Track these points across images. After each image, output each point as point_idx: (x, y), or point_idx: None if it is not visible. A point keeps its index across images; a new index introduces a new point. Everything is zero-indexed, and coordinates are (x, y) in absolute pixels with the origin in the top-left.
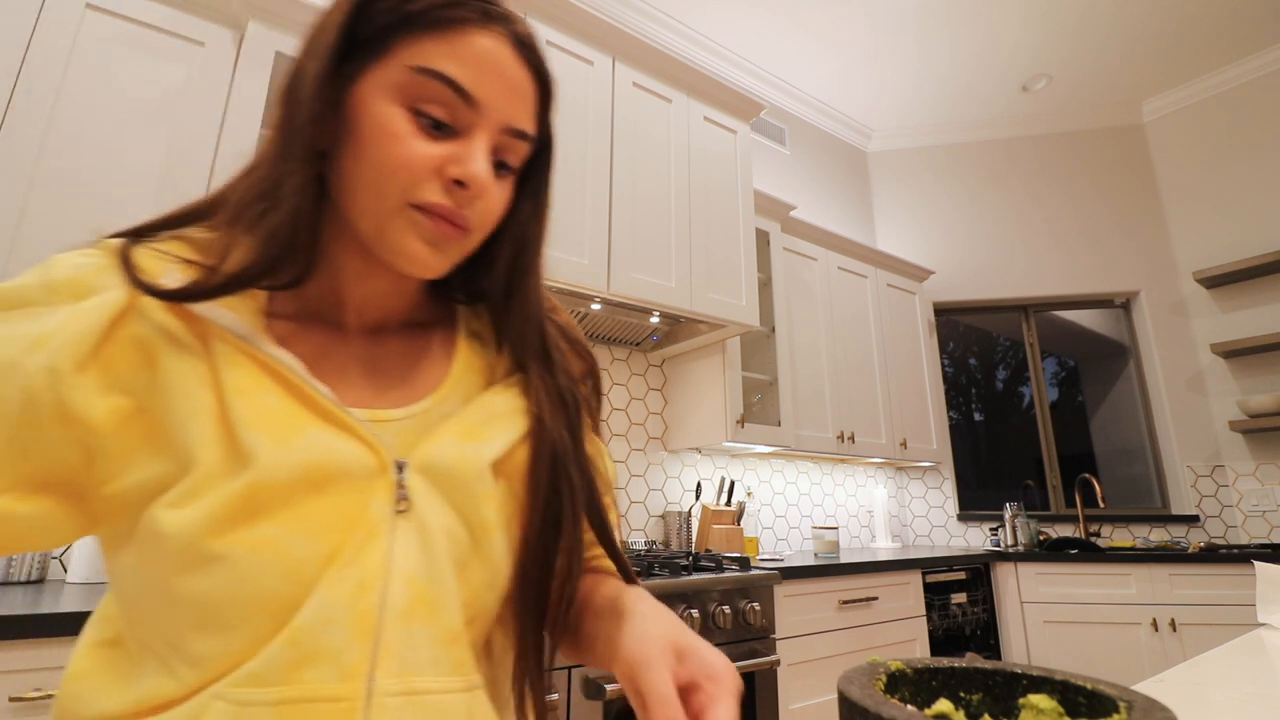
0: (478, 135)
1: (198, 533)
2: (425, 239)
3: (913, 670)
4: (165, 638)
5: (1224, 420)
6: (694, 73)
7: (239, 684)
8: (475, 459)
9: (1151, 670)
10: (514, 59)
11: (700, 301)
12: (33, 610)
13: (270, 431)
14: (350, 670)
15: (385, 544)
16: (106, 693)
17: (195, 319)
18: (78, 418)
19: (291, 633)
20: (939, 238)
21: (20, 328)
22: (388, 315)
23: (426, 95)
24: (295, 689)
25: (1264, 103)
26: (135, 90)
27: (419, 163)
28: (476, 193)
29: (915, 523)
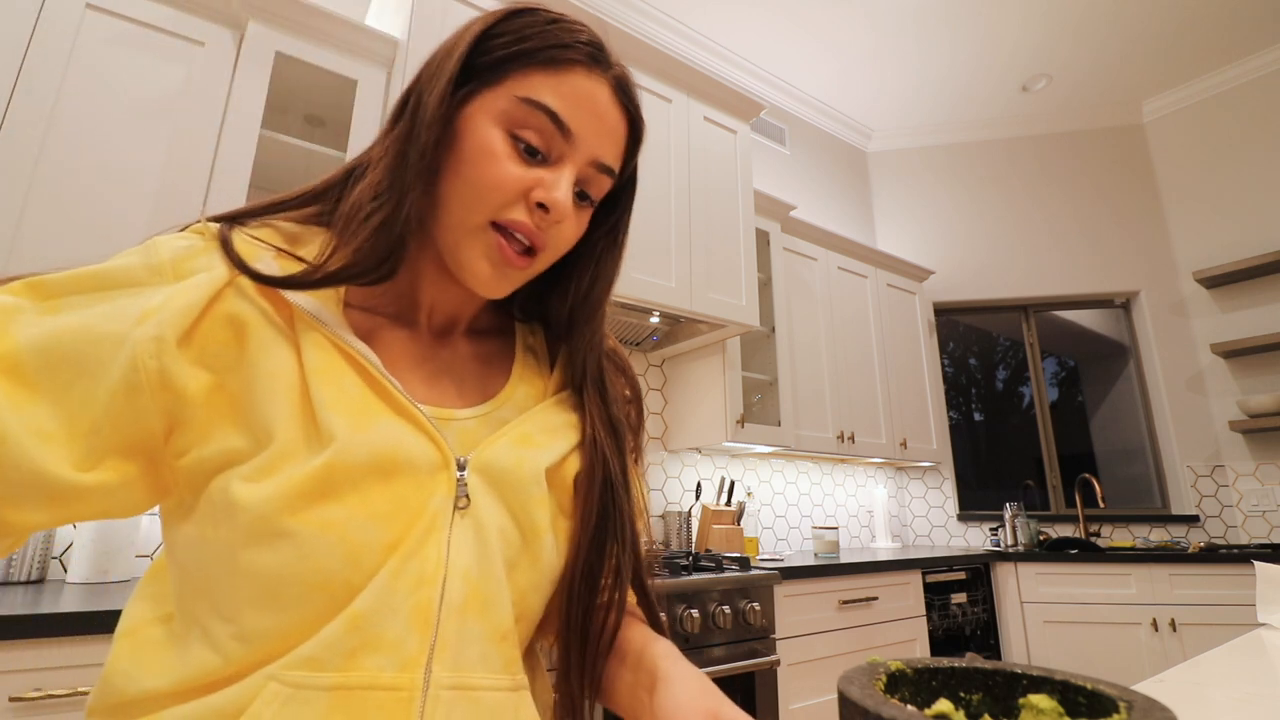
0: (567, 165)
1: (272, 508)
2: (491, 261)
3: (913, 670)
4: (220, 611)
5: (1224, 420)
6: (694, 73)
7: (294, 666)
8: (531, 464)
9: (1151, 670)
10: (611, 101)
11: (700, 301)
12: (33, 610)
13: (348, 415)
14: (409, 661)
15: (444, 538)
16: (152, 670)
17: (284, 303)
18: (175, 387)
19: (352, 618)
20: (939, 238)
21: (127, 304)
22: (455, 321)
23: (526, 123)
24: (353, 675)
25: (1264, 103)
26: (135, 90)
27: (510, 183)
28: (556, 219)
29: (915, 523)
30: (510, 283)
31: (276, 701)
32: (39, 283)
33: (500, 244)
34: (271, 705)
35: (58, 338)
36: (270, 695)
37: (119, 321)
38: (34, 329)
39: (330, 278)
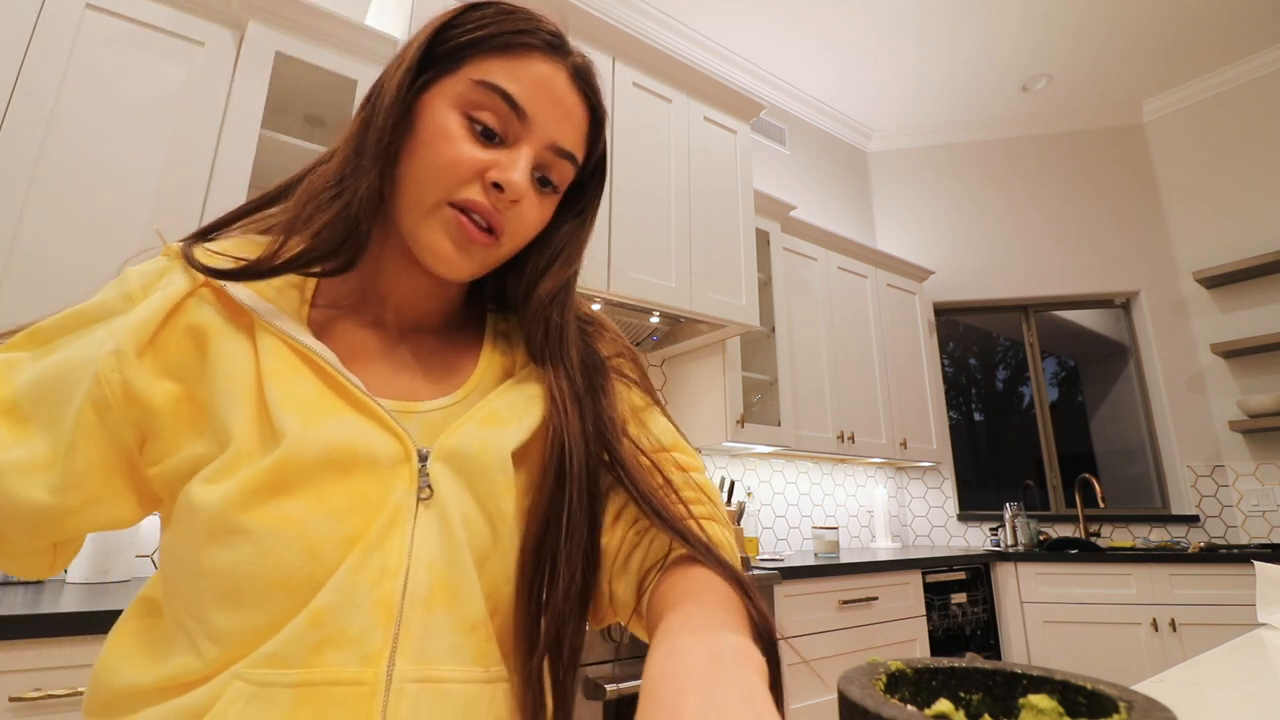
0: (523, 147)
1: (226, 506)
2: (453, 239)
3: (913, 670)
4: (192, 612)
5: (1224, 420)
6: (694, 73)
7: (258, 664)
8: (496, 446)
9: (1151, 670)
10: (568, 86)
11: (700, 301)
12: (33, 610)
13: (301, 413)
14: (371, 655)
15: (407, 531)
16: (138, 666)
17: (243, 312)
18: (141, 399)
19: (313, 614)
20: (939, 238)
21: (102, 331)
22: (424, 316)
23: (482, 105)
24: (315, 671)
25: (1264, 103)
26: (135, 90)
27: (465, 163)
28: (512, 197)
29: (915, 523)
30: (473, 261)
31: (240, 700)
32: (36, 331)
33: (460, 220)
34: (235, 704)
35: (45, 374)
36: (234, 694)
37: (93, 347)
38: (29, 372)
39: (285, 265)
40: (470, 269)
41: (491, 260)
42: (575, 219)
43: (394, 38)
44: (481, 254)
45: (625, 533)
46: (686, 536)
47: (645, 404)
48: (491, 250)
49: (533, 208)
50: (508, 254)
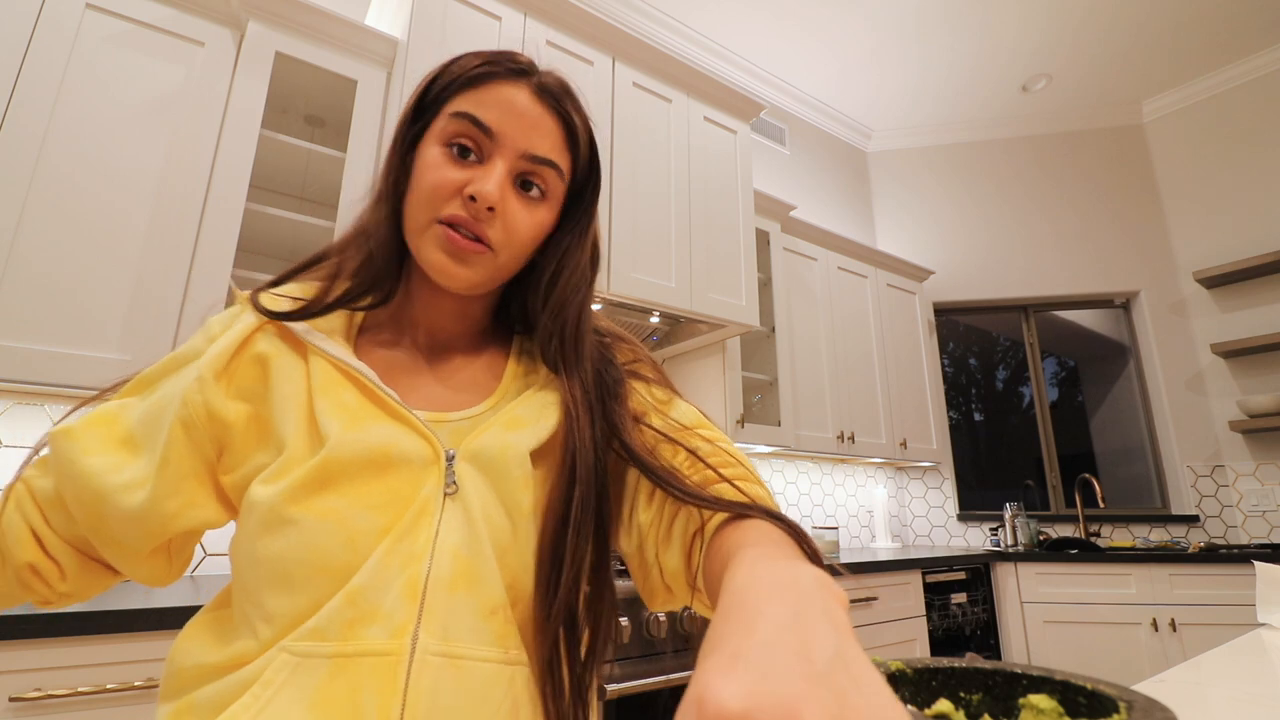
0: (495, 161)
1: (278, 501)
2: (445, 249)
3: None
4: (251, 598)
5: (1224, 420)
6: (694, 73)
7: (301, 638)
8: (516, 447)
9: (1151, 670)
10: (532, 101)
11: (700, 301)
12: (33, 610)
13: (343, 420)
14: (398, 628)
15: (434, 521)
16: (205, 649)
17: (299, 341)
18: (217, 415)
19: (349, 594)
20: (939, 238)
21: (191, 369)
22: (452, 337)
23: (457, 133)
24: (350, 644)
25: (1264, 103)
26: (135, 90)
27: (445, 184)
28: (486, 204)
29: (915, 523)
30: (474, 270)
31: (286, 669)
32: (142, 379)
33: (447, 234)
34: (282, 673)
35: (150, 408)
36: (281, 664)
37: (183, 381)
38: (139, 410)
39: (333, 304)
40: (472, 278)
41: (496, 269)
42: (572, 229)
43: (394, 38)
44: (479, 262)
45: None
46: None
47: (667, 396)
48: (489, 258)
49: (519, 214)
50: (511, 262)
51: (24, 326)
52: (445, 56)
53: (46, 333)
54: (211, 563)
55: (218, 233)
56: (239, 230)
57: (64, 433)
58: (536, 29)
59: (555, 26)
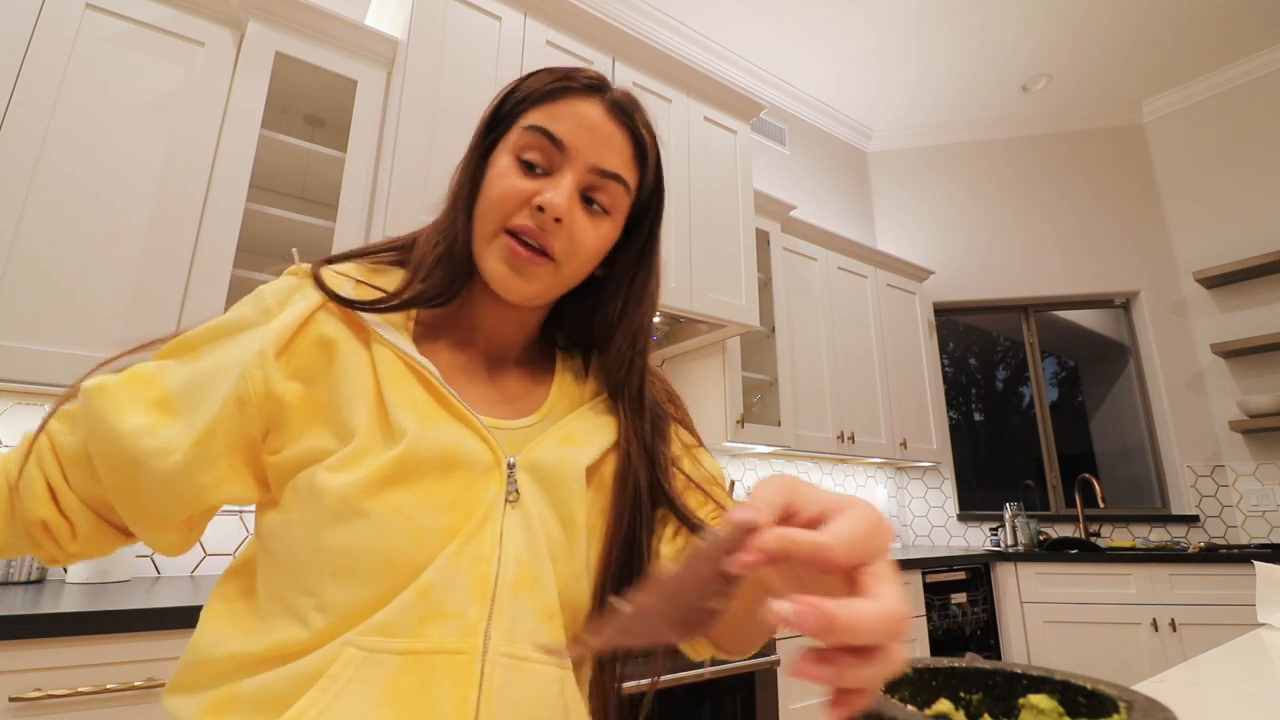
0: (565, 172)
1: (352, 492)
2: (506, 261)
3: (913, 670)
4: (304, 586)
5: (1224, 420)
6: (694, 73)
7: (369, 633)
8: (573, 461)
9: (1151, 670)
10: (605, 116)
11: (700, 301)
12: (33, 610)
13: (418, 417)
14: (470, 627)
15: (497, 527)
16: (236, 638)
17: (361, 325)
18: (275, 394)
19: (421, 590)
20: (939, 238)
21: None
22: (508, 345)
23: (529, 145)
24: (419, 640)
25: (1264, 103)
26: (135, 90)
27: (513, 193)
28: (553, 214)
29: (915, 523)
30: (533, 283)
31: (354, 664)
32: (183, 340)
33: (511, 245)
34: (349, 667)
35: (195, 375)
36: (348, 659)
37: (238, 352)
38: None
39: (404, 303)
40: (531, 290)
41: (557, 281)
42: (638, 248)
43: (394, 38)
44: (539, 273)
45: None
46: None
47: (694, 442)
48: (548, 270)
49: (583, 227)
50: (572, 275)
51: (24, 326)
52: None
53: (46, 333)
54: (212, 562)
55: (218, 233)
56: (239, 230)
57: (99, 389)
58: (536, 29)
59: (555, 26)
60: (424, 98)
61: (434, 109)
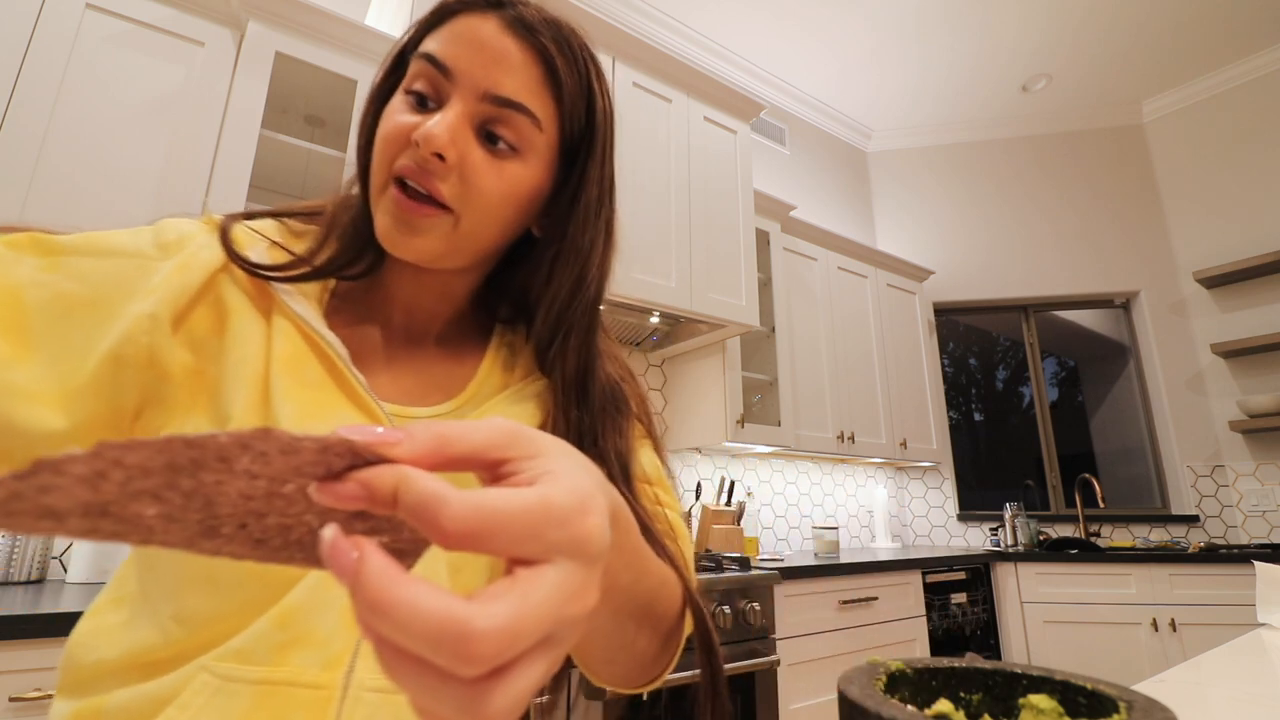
0: (452, 102)
1: None
2: (391, 214)
3: (913, 670)
4: (166, 589)
5: (1224, 420)
6: (694, 73)
7: (225, 658)
8: None
9: (1151, 670)
10: (499, 33)
11: (700, 301)
12: (33, 610)
13: (300, 406)
14: (332, 659)
15: None
16: (105, 641)
17: (267, 294)
18: (160, 364)
19: (281, 614)
20: (939, 238)
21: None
22: (430, 319)
23: (417, 75)
24: (278, 670)
25: (1264, 103)
26: (135, 90)
27: (394, 131)
28: (429, 150)
29: (915, 523)
30: (420, 235)
31: (206, 692)
32: (45, 240)
33: (396, 195)
34: (201, 695)
35: (60, 296)
36: (200, 685)
37: (122, 292)
38: (42, 289)
39: (316, 271)
40: (426, 247)
41: (459, 237)
42: (569, 197)
43: (394, 37)
44: (432, 226)
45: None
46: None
47: (640, 434)
48: (444, 222)
49: (481, 168)
50: (479, 228)
51: None
52: None
53: None
54: None
55: None
56: None
57: None
58: None
59: None
60: None
61: None
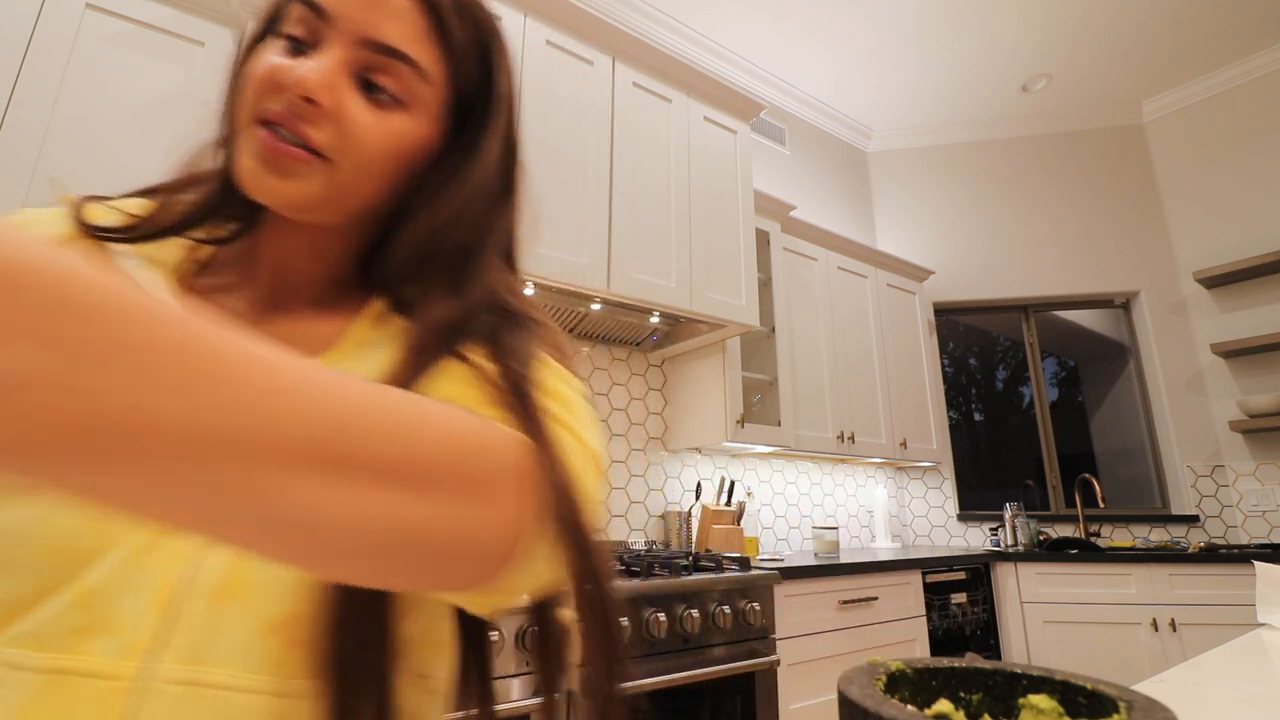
0: (328, 47)
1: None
2: (256, 154)
3: (913, 670)
4: None
5: (1224, 420)
6: (694, 73)
7: (15, 642)
8: None
9: (1151, 670)
10: None
11: (700, 301)
12: None
13: None
14: (132, 647)
15: None
16: None
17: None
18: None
19: (81, 593)
20: (939, 238)
21: None
22: (304, 282)
23: (291, 19)
24: (72, 659)
25: (1264, 103)
26: (135, 90)
27: (265, 73)
28: (300, 92)
29: (915, 523)
30: (291, 179)
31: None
32: None
33: (264, 135)
34: None
35: None
36: None
37: None
38: None
39: (168, 228)
40: (296, 192)
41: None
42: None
43: None
44: (306, 172)
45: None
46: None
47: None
48: (318, 169)
49: (359, 117)
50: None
51: None
52: None
53: None
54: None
55: None
56: None
57: None
58: (536, 29)
59: (555, 26)
60: None
61: None
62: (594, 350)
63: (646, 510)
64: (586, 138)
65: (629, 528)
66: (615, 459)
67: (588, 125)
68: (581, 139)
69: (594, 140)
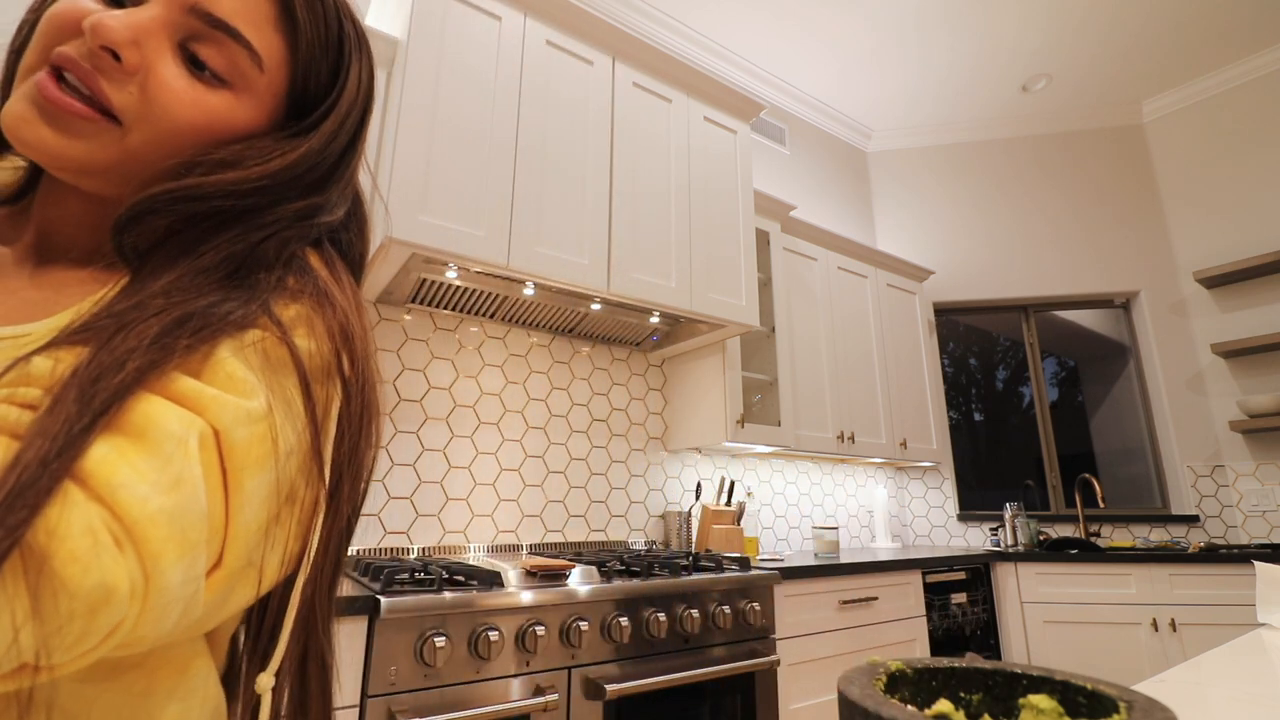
0: (151, 4)
1: None
2: (29, 97)
3: (913, 670)
4: None
5: (1224, 420)
6: (694, 73)
7: None
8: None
9: (1151, 670)
10: None
11: (700, 301)
12: None
13: None
14: None
15: None
16: None
17: None
18: None
19: None
20: (939, 238)
21: None
22: (70, 245)
23: None
24: None
25: (1264, 103)
26: None
27: (64, 11)
28: (102, 40)
29: (915, 523)
30: (65, 135)
31: None
32: None
33: (44, 79)
34: None
35: None
36: None
37: None
38: None
39: None
40: (64, 150)
41: (122, 154)
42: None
43: (394, 38)
44: (89, 131)
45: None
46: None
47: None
48: (105, 131)
49: (174, 85)
50: (150, 151)
51: None
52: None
53: None
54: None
55: None
56: None
57: None
58: (536, 29)
59: (555, 26)
60: (423, 97)
61: (433, 109)
62: (594, 350)
63: (646, 510)
64: (586, 138)
65: (629, 528)
66: (615, 459)
67: (588, 125)
68: (581, 139)
69: (594, 140)
